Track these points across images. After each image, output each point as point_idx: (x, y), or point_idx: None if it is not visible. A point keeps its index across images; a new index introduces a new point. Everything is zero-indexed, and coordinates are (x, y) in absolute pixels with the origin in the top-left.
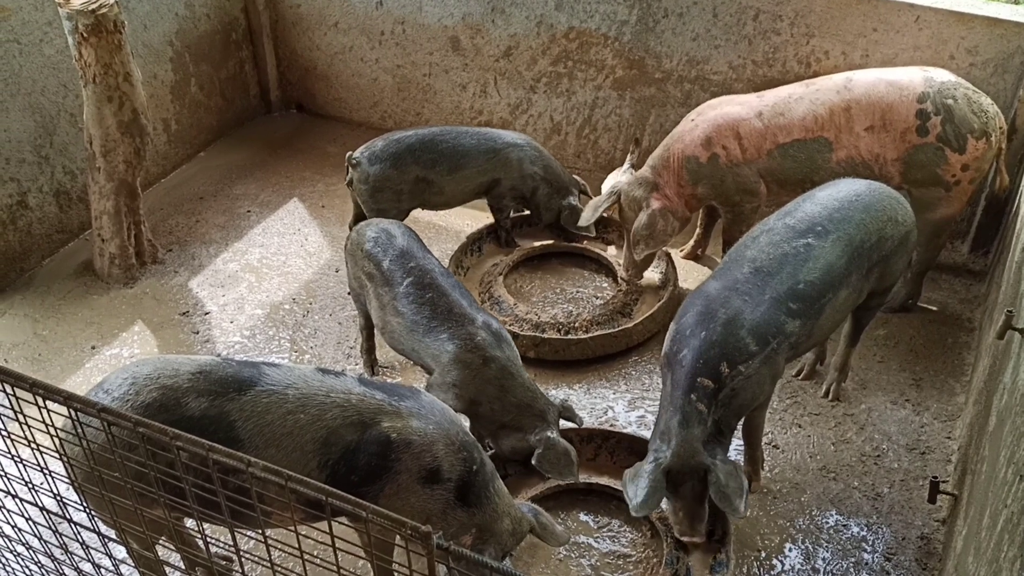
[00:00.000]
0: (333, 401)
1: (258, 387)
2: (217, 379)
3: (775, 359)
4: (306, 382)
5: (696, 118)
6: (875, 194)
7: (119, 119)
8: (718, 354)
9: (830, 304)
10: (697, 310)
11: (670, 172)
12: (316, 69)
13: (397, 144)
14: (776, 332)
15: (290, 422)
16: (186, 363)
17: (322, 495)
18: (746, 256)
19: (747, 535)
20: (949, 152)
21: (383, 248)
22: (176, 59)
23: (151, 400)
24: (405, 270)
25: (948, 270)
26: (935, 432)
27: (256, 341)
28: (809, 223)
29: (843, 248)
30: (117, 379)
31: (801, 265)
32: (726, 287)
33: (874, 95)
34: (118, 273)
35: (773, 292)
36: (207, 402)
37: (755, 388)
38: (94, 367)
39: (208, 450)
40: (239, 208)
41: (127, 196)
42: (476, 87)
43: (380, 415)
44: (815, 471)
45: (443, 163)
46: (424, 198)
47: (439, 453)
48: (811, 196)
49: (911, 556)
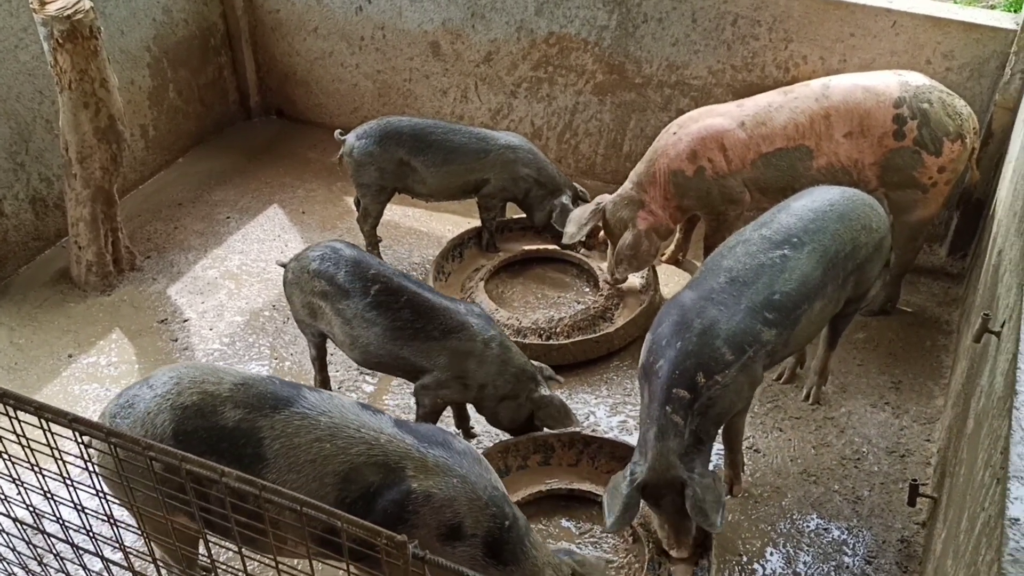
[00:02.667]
0: (361, 437)
1: (293, 408)
2: (256, 393)
3: (752, 367)
4: (341, 412)
5: (678, 131)
6: (849, 203)
7: (95, 125)
8: (694, 364)
9: (806, 315)
10: (672, 320)
11: (656, 187)
12: (296, 75)
13: (387, 126)
14: (752, 341)
15: (315, 450)
16: (231, 373)
17: (297, 505)
18: (722, 266)
19: (728, 540)
20: (926, 155)
21: (332, 262)
22: (154, 65)
23: (190, 403)
24: (367, 278)
25: (926, 273)
26: (914, 435)
27: (236, 348)
28: (785, 234)
29: (818, 259)
30: (164, 375)
31: (777, 276)
32: (702, 297)
33: (852, 101)
34: (95, 280)
35: (749, 302)
36: (242, 414)
37: (733, 396)
38: (71, 376)
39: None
40: (218, 214)
41: (104, 203)
42: (457, 92)
43: (406, 460)
44: (796, 475)
45: (430, 154)
46: (407, 183)
47: (461, 509)
48: (786, 207)
49: (891, 559)
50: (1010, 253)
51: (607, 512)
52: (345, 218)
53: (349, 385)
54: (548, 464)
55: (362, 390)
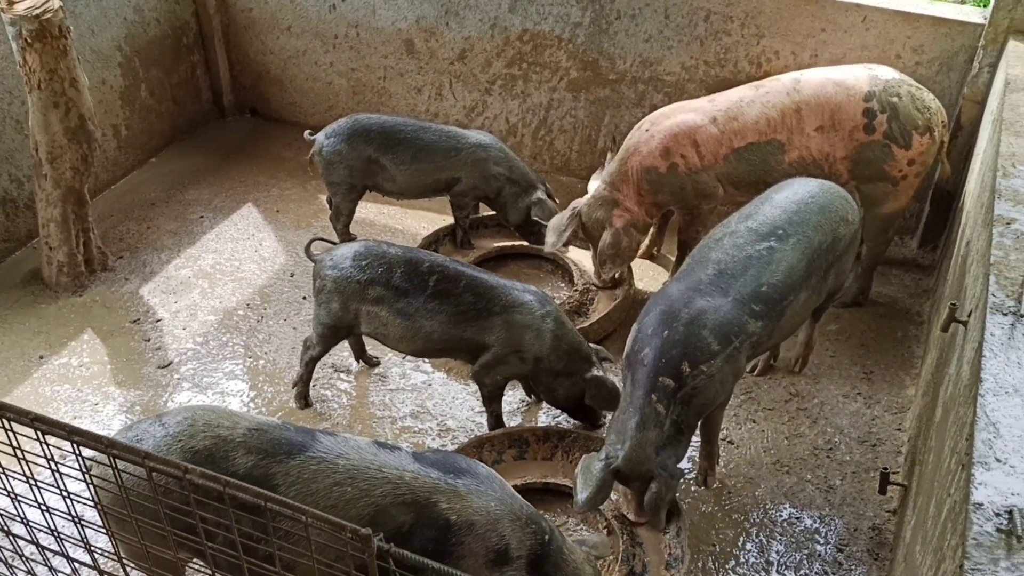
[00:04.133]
0: (385, 477)
1: (308, 453)
2: (270, 439)
3: (737, 358)
4: (359, 454)
5: (650, 128)
6: (828, 195)
7: (65, 125)
8: (680, 353)
9: (791, 306)
10: (660, 310)
11: (629, 185)
12: (269, 73)
13: (355, 124)
14: (739, 332)
15: (336, 494)
16: (245, 418)
17: (260, 500)
18: (710, 258)
19: (702, 530)
20: (895, 148)
21: (383, 266)
22: (125, 64)
23: (202, 447)
24: (423, 272)
25: (898, 265)
26: (886, 424)
27: (209, 347)
28: (771, 226)
29: (803, 251)
30: (178, 416)
31: (764, 268)
32: (689, 288)
33: (823, 96)
34: (67, 281)
35: (736, 294)
36: (255, 460)
37: (717, 387)
38: (42, 377)
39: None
40: (192, 214)
41: (75, 203)
42: (431, 90)
43: (436, 495)
44: (769, 465)
45: (399, 152)
46: (376, 181)
47: (505, 531)
48: (768, 199)
49: (863, 547)
50: (977, 244)
51: (579, 490)
52: (320, 216)
53: (324, 383)
54: (523, 459)
55: (337, 387)
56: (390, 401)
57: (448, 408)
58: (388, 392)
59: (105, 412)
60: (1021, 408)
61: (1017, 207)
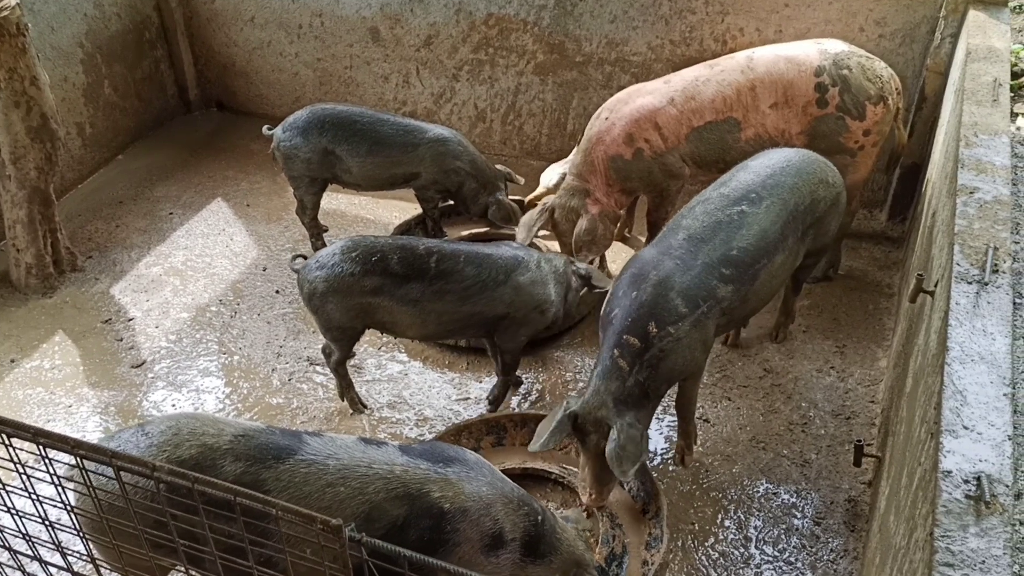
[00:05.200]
0: (376, 473)
1: (297, 456)
2: (257, 445)
3: (705, 323)
4: (348, 453)
5: (609, 116)
6: (805, 159)
7: (28, 124)
8: (647, 314)
9: (765, 269)
10: (630, 272)
11: (597, 175)
12: (234, 66)
13: (311, 115)
14: (707, 296)
15: (329, 495)
16: (231, 424)
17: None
18: (681, 225)
19: (681, 509)
20: (850, 120)
21: (377, 256)
22: (87, 61)
23: (188, 456)
24: (421, 255)
25: (867, 238)
26: (859, 397)
27: (183, 345)
28: (743, 191)
29: (777, 214)
30: (161, 425)
31: (735, 232)
32: (660, 252)
33: (775, 72)
34: (36, 283)
35: (706, 257)
36: (243, 467)
37: (685, 353)
38: (14, 380)
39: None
40: (160, 211)
41: (41, 203)
42: (398, 78)
43: (428, 485)
44: (745, 442)
45: (354, 143)
46: (335, 172)
47: (499, 515)
48: (745, 166)
49: (839, 519)
50: (942, 214)
51: (536, 436)
52: (290, 209)
53: (300, 376)
54: (501, 445)
55: (313, 380)
56: (367, 392)
57: (425, 397)
58: (364, 383)
59: (79, 414)
60: (987, 375)
61: (980, 176)
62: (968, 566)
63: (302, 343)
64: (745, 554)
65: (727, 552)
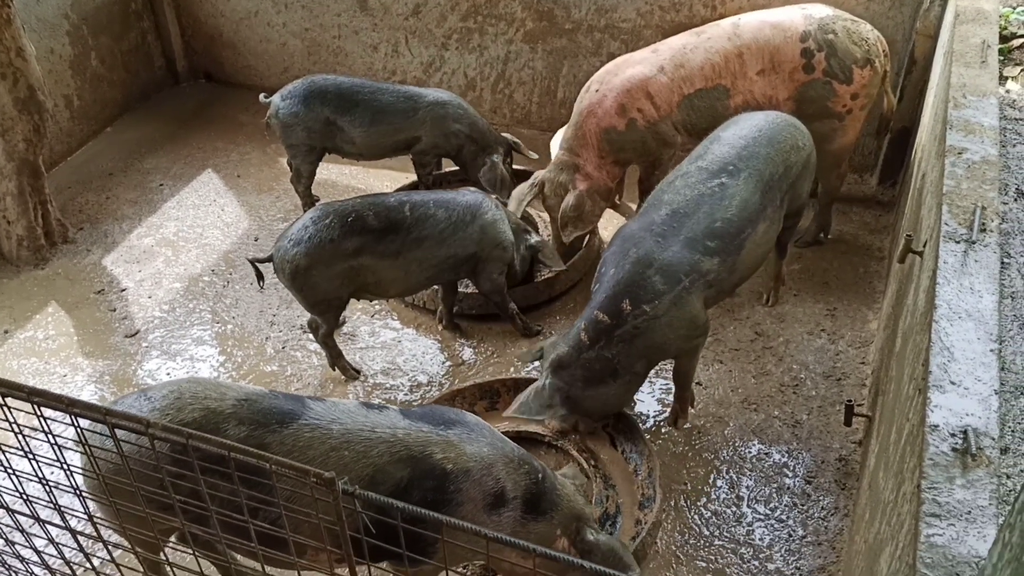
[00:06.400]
0: (379, 437)
1: (301, 420)
2: (260, 409)
3: (687, 299)
4: (351, 417)
5: (600, 87)
6: (775, 126)
7: (15, 96)
8: (623, 291)
9: (750, 239)
10: (613, 249)
11: (588, 148)
12: (222, 36)
13: (311, 85)
14: (690, 270)
15: (333, 459)
16: (233, 388)
17: (224, 450)
18: (663, 200)
19: (674, 470)
20: (837, 84)
21: (353, 216)
22: (73, 32)
23: (192, 419)
24: (392, 207)
25: (858, 202)
26: (850, 359)
27: (176, 315)
28: (721, 164)
29: (755, 184)
30: (163, 390)
31: (717, 204)
32: (642, 228)
33: (761, 39)
34: (27, 255)
35: (689, 232)
36: (247, 431)
37: (664, 331)
38: (8, 351)
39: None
40: (151, 182)
41: (30, 175)
42: (387, 47)
43: (430, 447)
44: (737, 404)
45: (356, 114)
46: (335, 143)
47: (500, 474)
48: (717, 138)
49: (830, 478)
50: (931, 175)
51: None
52: (281, 179)
53: (293, 344)
54: (495, 409)
55: (306, 348)
56: (360, 359)
57: (419, 363)
58: (358, 350)
59: (75, 383)
60: (974, 332)
61: (968, 137)
62: (955, 516)
63: (295, 312)
64: (737, 513)
65: (719, 511)
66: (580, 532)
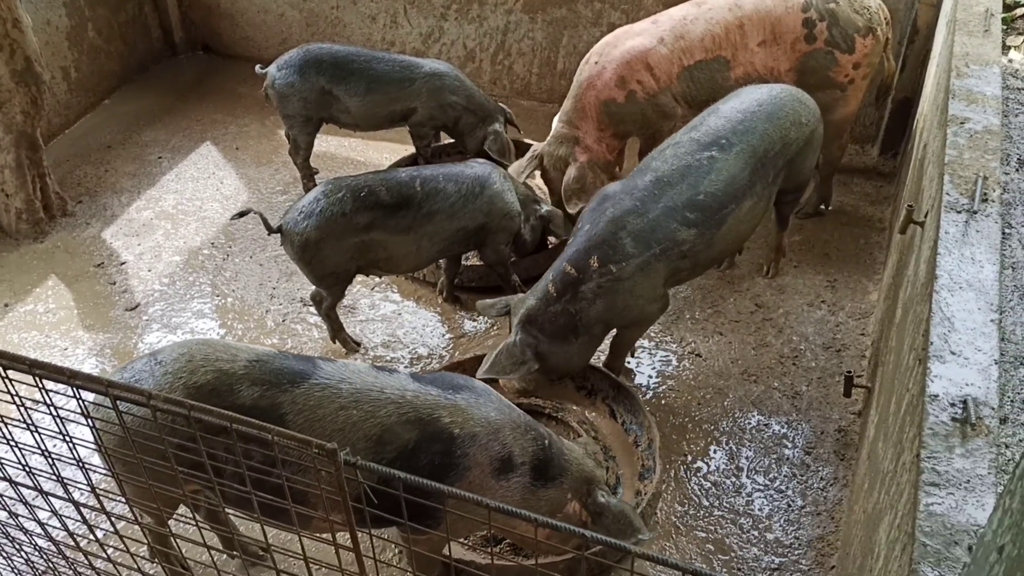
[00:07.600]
0: (388, 397)
1: (312, 380)
2: (272, 369)
3: (655, 267)
4: (361, 378)
5: (599, 59)
6: (777, 101)
7: (11, 68)
8: (593, 247)
9: (733, 215)
10: (592, 207)
11: (588, 121)
12: (220, 7)
13: (307, 54)
14: (663, 239)
15: (342, 418)
16: (244, 350)
17: (226, 421)
18: (651, 166)
19: (674, 441)
20: (839, 54)
21: (365, 191)
22: (70, 3)
23: (205, 382)
24: (404, 183)
25: (859, 173)
26: (850, 330)
27: (176, 288)
28: (714, 136)
29: (746, 160)
30: (173, 353)
31: (703, 177)
32: (624, 190)
33: (763, 9)
34: (26, 228)
35: (669, 201)
36: (260, 391)
37: (626, 297)
38: (8, 324)
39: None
40: (149, 155)
41: (28, 148)
42: (386, 17)
43: (438, 410)
44: (737, 375)
45: (352, 83)
46: (332, 113)
47: (507, 439)
48: (715, 110)
49: (829, 448)
50: (933, 145)
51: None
52: (280, 151)
53: (293, 317)
54: (495, 383)
55: (307, 321)
56: (361, 331)
57: (419, 336)
58: (358, 323)
59: (75, 356)
60: (974, 302)
61: (970, 106)
62: (953, 485)
63: (295, 284)
64: (737, 483)
65: (719, 482)
66: (591, 494)
